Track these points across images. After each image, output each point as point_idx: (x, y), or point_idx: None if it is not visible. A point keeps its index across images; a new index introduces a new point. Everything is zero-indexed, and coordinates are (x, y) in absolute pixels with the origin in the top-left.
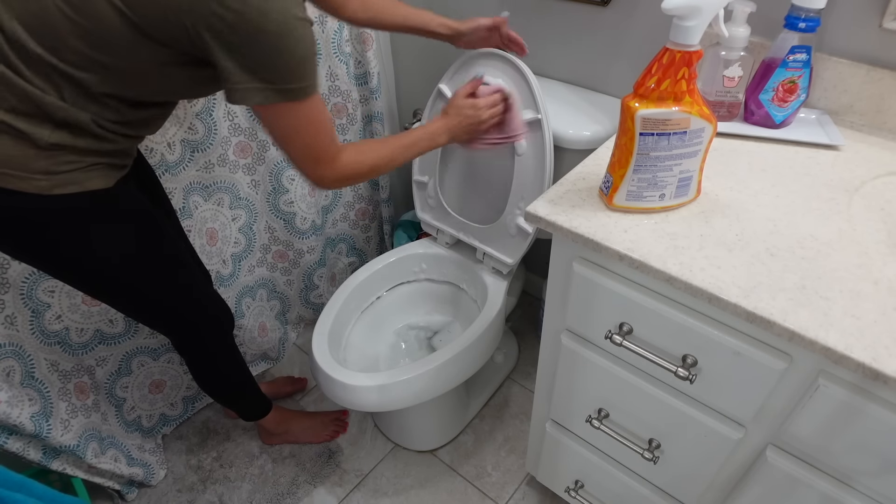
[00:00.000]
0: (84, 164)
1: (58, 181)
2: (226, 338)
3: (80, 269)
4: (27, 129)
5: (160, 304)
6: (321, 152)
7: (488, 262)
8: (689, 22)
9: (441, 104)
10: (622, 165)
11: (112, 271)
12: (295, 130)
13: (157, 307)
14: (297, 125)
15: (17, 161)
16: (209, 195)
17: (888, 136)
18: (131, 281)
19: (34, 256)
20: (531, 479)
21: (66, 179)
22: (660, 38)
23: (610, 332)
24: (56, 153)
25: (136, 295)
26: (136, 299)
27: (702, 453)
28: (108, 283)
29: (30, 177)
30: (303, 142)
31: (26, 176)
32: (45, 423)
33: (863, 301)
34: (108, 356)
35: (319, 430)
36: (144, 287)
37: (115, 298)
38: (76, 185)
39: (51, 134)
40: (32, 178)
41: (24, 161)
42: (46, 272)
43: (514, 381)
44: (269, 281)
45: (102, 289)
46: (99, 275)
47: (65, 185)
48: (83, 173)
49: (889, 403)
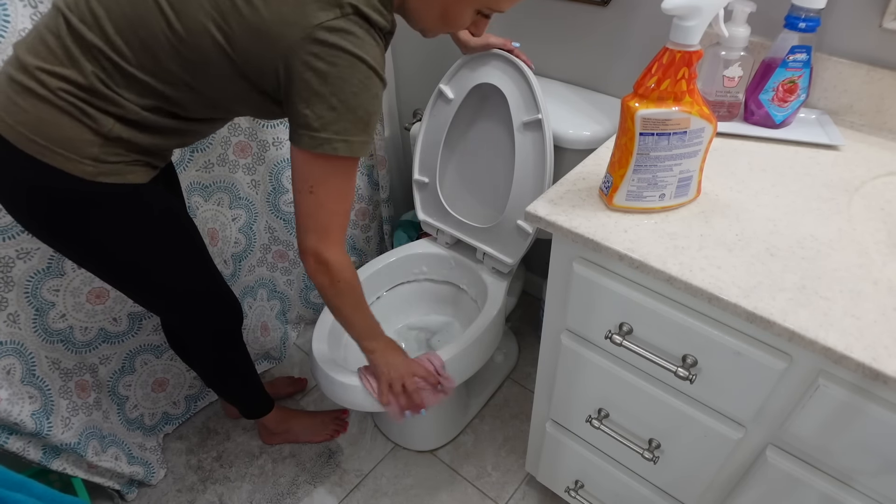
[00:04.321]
0: (130, 158)
1: (104, 170)
2: (236, 329)
3: (104, 254)
4: (93, 115)
5: (179, 293)
6: (341, 224)
7: (488, 262)
8: (689, 22)
9: (441, 104)
10: (622, 165)
11: (135, 258)
12: (331, 190)
13: (175, 296)
14: (338, 185)
15: (72, 143)
16: (209, 195)
17: (888, 136)
18: (153, 268)
19: (62, 237)
20: (531, 479)
21: (111, 170)
22: (660, 38)
23: (610, 332)
24: (111, 144)
25: (155, 283)
26: (154, 287)
27: (702, 453)
28: (129, 269)
29: (79, 160)
30: (332, 204)
31: (76, 159)
32: (46, 421)
33: (863, 301)
34: (111, 354)
35: (319, 430)
36: (164, 275)
37: (133, 285)
38: (118, 176)
39: (113, 126)
40: (81, 161)
41: (80, 145)
42: (69, 255)
43: (514, 381)
44: (269, 281)
45: (122, 274)
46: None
47: (108, 175)
48: (126, 166)
49: (889, 403)
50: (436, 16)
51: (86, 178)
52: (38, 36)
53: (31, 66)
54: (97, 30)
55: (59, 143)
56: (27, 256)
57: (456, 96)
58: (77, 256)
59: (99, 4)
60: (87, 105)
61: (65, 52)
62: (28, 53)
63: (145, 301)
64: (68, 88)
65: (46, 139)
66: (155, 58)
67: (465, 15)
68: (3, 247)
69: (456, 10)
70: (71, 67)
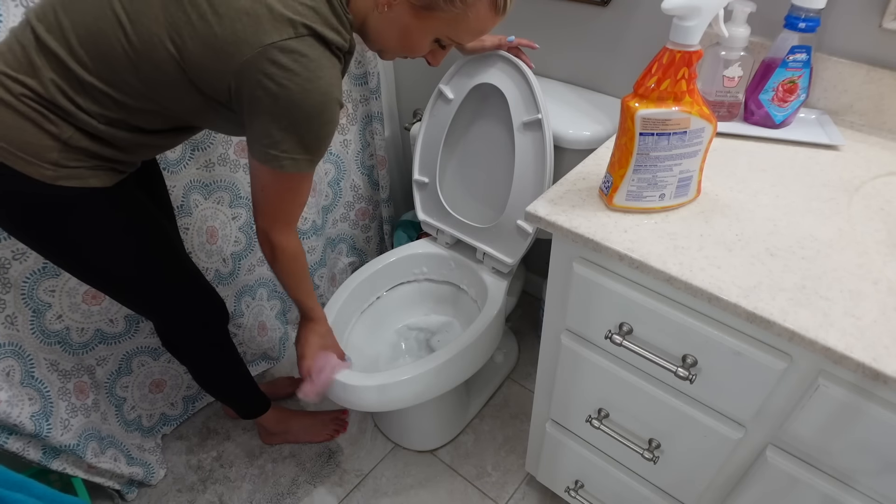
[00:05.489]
0: (90, 164)
1: (63, 174)
2: (221, 331)
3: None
4: (54, 121)
5: (155, 294)
6: (288, 217)
7: (488, 262)
8: (689, 22)
9: (441, 104)
10: (622, 165)
11: (106, 261)
12: (281, 192)
13: (151, 298)
14: (287, 189)
15: (32, 148)
16: (209, 193)
17: (888, 136)
18: (126, 272)
19: (40, 242)
20: (531, 479)
21: (71, 174)
22: (660, 38)
23: (610, 332)
24: (70, 150)
25: (131, 286)
26: (131, 290)
27: (702, 453)
28: (103, 273)
29: (39, 164)
30: (281, 203)
31: (36, 163)
32: (45, 423)
33: (863, 301)
34: (108, 356)
35: (319, 430)
36: (136, 278)
37: (111, 288)
38: (78, 180)
39: (72, 135)
40: (41, 166)
41: (40, 150)
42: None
43: (514, 381)
44: (269, 280)
45: (100, 278)
46: (95, 265)
47: (68, 179)
48: (88, 171)
49: (889, 403)
50: (394, 38)
51: (46, 181)
52: (7, 43)
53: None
54: (62, 40)
55: (20, 146)
56: (23, 257)
57: (456, 96)
58: (59, 261)
59: (66, 16)
60: (49, 112)
61: (28, 61)
62: None
63: (128, 303)
64: (30, 95)
65: (8, 142)
66: (113, 69)
67: (424, 41)
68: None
69: (415, 35)
70: (33, 77)
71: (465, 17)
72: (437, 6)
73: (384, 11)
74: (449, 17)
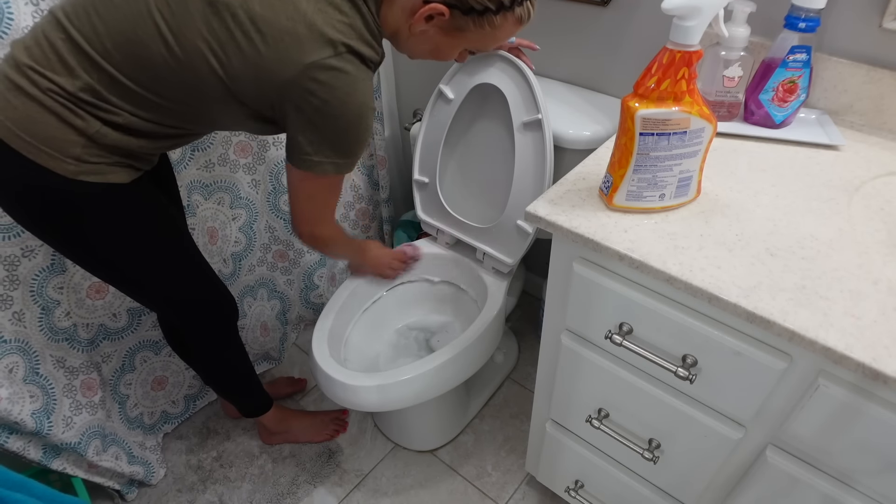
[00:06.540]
0: (111, 160)
1: (84, 169)
2: (231, 326)
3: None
4: (81, 116)
5: (170, 291)
6: (331, 213)
7: (488, 262)
8: (689, 22)
9: (441, 104)
10: (622, 165)
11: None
12: (325, 196)
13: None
14: (329, 192)
15: (56, 142)
16: (210, 194)
17: (888, 136)
18: (142, 267)
19: (56, 236)
20: (531, 479)
21: (92, 169)
22: (660, 38)
23: (610, 332)
24: (94, 146)
25: (146, 281)
26: (146, 286)
27: (702, 453)
28: (119, 268)
29: (62, 159)
30: (326, 206)
31: (59, 157)
32: (46, 421)
33: (863, 301)
34: (112, 352)
35: (319, 430)
36: (154, 274)
37: (125, 283)
38: (98, 175)
39: (100, 129)
40: (64, 160)
41: (63, 144)
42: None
43: (514, 381)
44: (269, 280)
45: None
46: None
47: (88, 174)
48: (108, 167)
49: (889, 403)
50: (425, 52)
51: (67, 176)
52: (35, 38)
53: (24, 65)
54: (98, 45)
55: (43, 140)
56: (32, 254)
57: (456, 96)
58: (73, 255)
59: (100, 20)
60: (76, 107)
61: (59, 59)
62: (23, 53)
63: (142, 299)
64: (57, 90)
65: (32, 136)
66: (152, 76)
67: (453, 53)
68: (8, 245)
69: (445, 50)
70: (65, 75)
71: (493, 35)
72: (468, 28)
73: (416, 31)
74: (478, 35)
